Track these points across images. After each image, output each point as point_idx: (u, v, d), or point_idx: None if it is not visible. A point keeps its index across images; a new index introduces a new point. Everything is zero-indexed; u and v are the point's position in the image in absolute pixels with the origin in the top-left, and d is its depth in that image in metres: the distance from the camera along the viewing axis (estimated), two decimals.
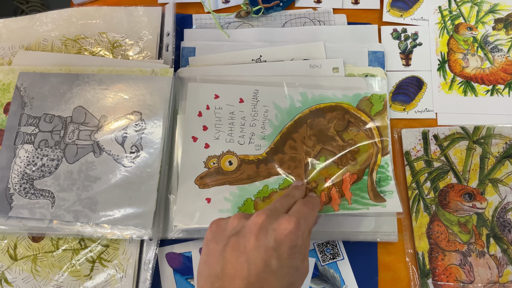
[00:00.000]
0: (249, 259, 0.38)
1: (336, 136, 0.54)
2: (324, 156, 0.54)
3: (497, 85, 0.59)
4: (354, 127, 0.55)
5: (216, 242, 0.40)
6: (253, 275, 0.38)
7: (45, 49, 0.61)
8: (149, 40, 0.60)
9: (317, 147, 0.54)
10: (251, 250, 0.39)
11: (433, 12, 0.62)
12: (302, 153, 0.54)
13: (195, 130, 0.55)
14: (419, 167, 0.55)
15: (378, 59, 0.59)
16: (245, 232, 0.40)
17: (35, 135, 0.55)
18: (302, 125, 0.55)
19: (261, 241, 0.39)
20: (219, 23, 0.62)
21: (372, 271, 0.52)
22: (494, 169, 0.55)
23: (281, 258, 0.39)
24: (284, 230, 0.39)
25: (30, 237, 0.53)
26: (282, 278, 0.39)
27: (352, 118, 0.55)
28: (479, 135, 0.56)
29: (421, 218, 0.53)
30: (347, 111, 0.55)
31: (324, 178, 0.53)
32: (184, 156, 0.54)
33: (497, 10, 0.62)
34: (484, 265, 0.51)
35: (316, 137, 0.54)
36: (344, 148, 0.54)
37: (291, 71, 0.58)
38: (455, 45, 0.61)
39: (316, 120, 0.55)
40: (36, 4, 1.46)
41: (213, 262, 0.40)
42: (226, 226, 0.41)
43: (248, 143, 0.55)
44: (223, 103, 0.56)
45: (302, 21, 0.62)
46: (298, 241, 0.40)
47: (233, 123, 0.55)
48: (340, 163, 0.53)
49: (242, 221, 0.41)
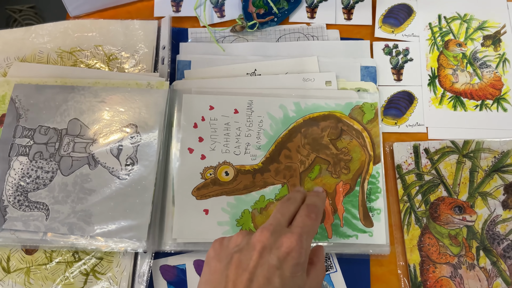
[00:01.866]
0: (251, 277, 0.38)
1: (330, 144, 0.55)
2: (319, 165, 0.55)
3: (486, 100, 0.60)
4: (347, 135, 0.56)
5: (218, 260, 0.40)
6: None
7: (40, 61, 0.61)
8: (145, 53, 0.61)
9: (311, 156, 0.55)
10: (254, 267, 0.38)
11: (423, 28, 0.64)
12: (297, 162, 0.55)
13: (191, 142, 0.56)
14: (411, 180, 0.56)
15: (370, 74, 0.60)
16: (249, 250, 0.40)
17: (30, 147, 0.55)
18: (297, 134, 0.56)
19: (264, 258, 0.39)
20: (215, 37, 0.63)
21: (365, 283, 0.53)
22: (483, 182, 0.56)
23: (283, 276, 0.38)
24: (287, 249, 0.39)
25: (23, 250, 0.53)
26: None
27: (345, 127, 0.56)
28: (468, 149, 0.57)
29: (412, 230, 0.54)
30: (340, 120, 0.56)
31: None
32: (180, 168, 0.55)
33: (486, 27, 0.64)
34: (474, 277, 0.52)
35: (310, 145, 0.55)
36: (338, 157, 0.55)
37: (285, 84, 0.59)
38: (445, 61, 0.62)
39: (310, 129, 0.56)
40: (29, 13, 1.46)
41: (215, 280, 0.39)
42: (229, 244, 0.41)
43: (244, 153, 0.55)
44: (218, 114, 0.57)
45: (296, 36, 0.63)
46: (301, 258, 0.40)
47: (228, 134, 0.56)
48: (334, 172, 0.54)
49: (245, 238, 0.41)
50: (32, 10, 1.47)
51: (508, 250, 0.53)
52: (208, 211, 0.53)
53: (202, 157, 0.55)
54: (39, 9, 1.47)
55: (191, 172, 0.55)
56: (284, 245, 0.39)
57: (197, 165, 0.55)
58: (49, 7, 1.48)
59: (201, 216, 0.53)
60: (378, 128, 0.57)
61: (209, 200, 0.54)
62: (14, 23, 1.44)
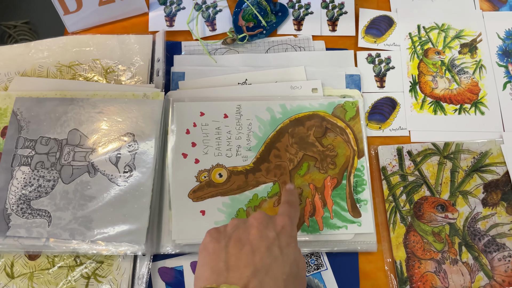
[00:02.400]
0: (253, 248, 0.41)
1: (316, 142, 0.59)
2: (307, 162, 0.58)
3: (464, 105, 0.64)
4: (332, 132, 0.59)
5: (217, 242, 0.42)
6: (258, 261, 0.40)
7: (40, 75, 0.64)
8: (140, 66, 0.64)
9: (299, 154, 0.58)
10: (254, 239, 0.42)
11: (404, 38, 0.68)
12: (286, 161, 0.58)
13: (184, 147, 0.58)
14: (395, 181, 0.59)
15: (354, 81, 0.64)
16: (246, 226, 0.43)
17: (32, 157, 0.57)
18: (284, 134, 0.59)
19: (262, 231, 0.42)
20: (207, 49, 0.66)
21: (354, 280, 0.55)
22: (464, 182, 0.59)
23: (281, 246, 0.42)
24: (281, 223, 0.44)
25: (26, 255, 0.55)
26: (283, 266, 0.41)
27: (329, 125, 0.60)
28: (449, 150, 0.60)
29: (398, 229, 0.57)
30: (324, 118, 0.60)
31: (308, 184, 0.57)
32: (175, 173, 0.57)
33: (463, 36, 0.68)
34: (457, 272, 0.55)
35: (298, 144, 0.59)
36: (324, 153, 0.58)
37: (273, 92, 0.62)
38: (425, 68, 0.66)
39: (296, 129, 0.59)
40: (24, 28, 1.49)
41: (215, 259, 0.41)
42: (226, 228, 0.44)
43: (236, 155, 0.58)
44: (209, 119, 0.60)
45: (284, 47, 0.67)
46: (293, 232, 0.45)
47: (219, 138, 0.59)
48: (322, 168, 0.57)
49: (241, 220, 0.45)
50: (26, 25, 1.49)
51: (489, 245, 0.56)
52: (204, 212, 0.56)
53: (196, 161, 0.58)
54: (33, 25, 1.50)
55: (186, 176, 0.57)
56: (278, 222, 0.44)
57: (192, 169, 0.58)
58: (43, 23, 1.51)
59: (199, 217, 0.55)
60: (360, 124, 0.60)
61: (205, 201, 0.56)
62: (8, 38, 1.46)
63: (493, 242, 0.56)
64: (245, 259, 0.40)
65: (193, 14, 0.68)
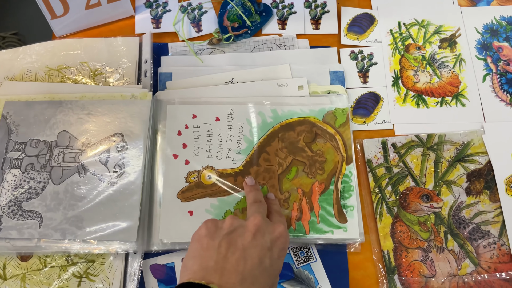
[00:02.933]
0: (245, 255, 0.41)
1: (305, 147, 0.59)
2: (296, 167, 0.58)
3: (446, 97, 0.65)
4: (321, 138, 0.60)
5: (211, 238, 0.43)
6: (247, 270, 0.40)
7: (29, 79, 0.65)
8: (128, 68, 0.65)
9: (288, 159, 0.59)
10: (248, 247, 0.42)
11: (385, 34, 0.69)
12: (275, 165, 0.59)
13: (175, 148, 0.59)
14: (381, 173, 0.61)
15: (338, 77, 0.65)
16: (243, 231, 0.43)
17: (22, 159, 0.58)
18: (274, 138, 0.60)
19: (258, 240, 0.42)
20: (193, 50, 0.68)
21: (343, 270, 0.56)
22: (447, 172, 0.60)
23: (272, 258, 0.42)
24: (279, 234, 0.44)
25: (18, 257, 0.56)
26: (269, 277, 0.42)
27: (319, 131, 0.60)
28: (432, 142, 0.62)
29: (384, 219, 0.58)
30: (314, 124, 0.61)
31: (296, 188, 0.57)
32: (166, 173, 0.58)
33: (442, 31, 0.69)
34: (444, 259, 0.56)
35: (287, 149, 0.59)
36: (313, 158, 0.59)
37: (260, 90, 0.63)
38: (406, 63, 0.67)
39: (286, 134, 0.60)
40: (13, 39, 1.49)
41: (206, 256, 0.41)
42: (222, 225, 0.44)
43: (226, 157, 0.59)
44: (200, 122, 0.61)
45: (269, 46, 0.68)
46: (286, 244, 0.45)
47: (210, 140, 0.60)
48: (310, 173, 0.58)
49: (239, 221, 0.45)
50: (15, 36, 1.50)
51: (474, 233, 0.57)
52: (192, 212, 0.56)
53: (186, 162, 0.59)
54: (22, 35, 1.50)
55: (176, 177, 0.58)
56: (277, 231, 0.44)
57: (182, 169, 0.58)
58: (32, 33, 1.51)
59: (186, 217, 0.56)
60: (350, 132, 0.61)
61: (193, 202, 0.57)
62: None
63: (478, 229, 0.57)
64: (236, 265, 0.40)
65: (179, 16, 0.70)
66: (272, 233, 0.44)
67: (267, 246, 0.43)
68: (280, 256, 0.44)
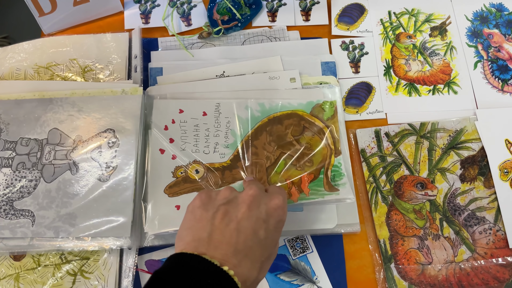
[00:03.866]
0: (239, 227, 0.40)
1: (293, 140, 0.59)
2: (284, 160, 0.58)
3: (437, 85, 0.65)
4: (309, 131, 0.59)
5: (205, 210, 0.42)
6: (241, 242, 0.40)
7: (18, 77, 0.64)
8: (118, 63, 0.64)
9: (276, 152, 0.58)
10: (242, 218, 0.41)
11: (376, 24, 0.69)
12: (263, 158, 0.58)
13: (162, 143, 0.59)
14: (375, 162, 0.60)
15: (330, 68, 0.65)
16: (238, 202, 0.42)
17: (13, 158, 0.57)
18: (262, 132, 0.59)
19: (253, 211, 0.41)
20: (184, 44, 0.67)
21: (340, 261, 0.56)
22: (441, 159, 0.60)
23: (268, 229, 0.41)
24: (275, 205, 0.43)
25: (11, 256, 0.55)
26: (264, 249, 0.41)
27: (307, 124, 0.60)
28: (425, 130, 0.62)
29: (380, 208, 0.58)
30: (302, 118, 0.60)
31: (284, 180, 0.57)
32: (152, 168, 0.57)
33: (432, 20, 0.69)
34: (440, 247, 0.56)
35: (275, 142, 0.59)
36: (301, 151, 0.58)
37: (252, 83, 0.63)
38: (398, 52, 0.67)
39: (274, 127, 0.60)
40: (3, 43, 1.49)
41: (199, 227, 0.41)
42: (216, 196, 0.43)
43: (213, 152, 0.59)
44: (187, 117, 0.60)
45: (260, 38, 0.68)
46: (284, 216, 0.44)
47: (198, 135, 0.59)
48: (299, 166, 0.58)
49: (234, 192, 0.44)
50: (6, 40, 1.49)
51: (469, 219, 0.57)
52: (179, 206, 0.56)
53: (173, 157, 0.58)
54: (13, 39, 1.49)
55: (163, 172, 0.57)
56: (273, 201, 0.43)
57: (169, 164, 0.58)
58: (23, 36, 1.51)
59: (173, 212, 0.55)
60: (338, 124, 0.60)
61: (181, 196, 0.56)
62: None
63: (473, 216, 0.57)
64: (229, 237, 0.40)
65: (168, 11, 0.69)
66: (268, 204, 0.43)
67: (262, 217, 0.42)
68: (276, 228, 0.43)
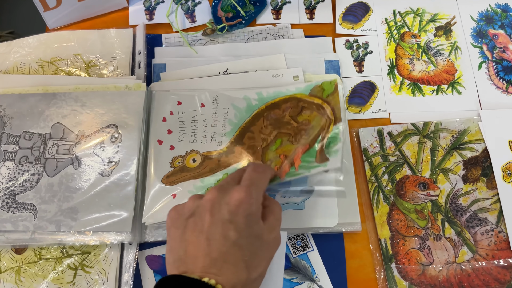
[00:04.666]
0: (208, 236, 0.39)
1: (291, 120, 0.58)
2: (280, 139, 0.57)
3: (441, 85, 0.65)
4: (308, 110, 0.58)
5: (176, 228, 0.42)
6: (214, 250, 0.39)
7: (22, 72, 0.64)
8: (122, 59, 0.65)
9: (273, 133, 0.58)
10: (208, 227, 0.40)
11: (380, 23, 0.69)
12: (259, 141, 0.58)
13: (160, 134, 0.59)
14: (377, 162, 0.60)
15: (334, 67, 0.65)
16: (200, 212, 0.41)
17: (16, 152, 0.57)
18: (259, 118, 0.59)
19: (216, 216, 0.40)
20: (187, 41, 0.67)
21: (340, 259, 0.56)
22: (444, 160, 0.60)
23: (238, 228, 0.40)
24: (237, 201, 0.40)
25: (13, 249, 0.55)
26: (243, 248, 0.40)
27: (306, 104, 0.58)
28: (428, 130, 0.61)
29: (381, 208, 0.58)
30: (300, 99, 0.59)
31: (279, 156, 0.55)
32: (151, 159, 0.58)
33: (437, 19, 0.69)
34: (441, 247, 0.56)
35: (272, 125, 0.58)
36: (298, 128, 0.57)
37: (255, 81, 0.63)
38: (402, 51, 0.67)
39: (272, 112, 0.59)
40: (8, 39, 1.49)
41: (176, 247, 0.41)
42: (183, 210, 0.42)
43: (210, 141, 0.59)
44: (185, 108, 0.60)
45: (264, 36, 0.68)
46: (252, 208, 0.41)
47: (195, 126, 0.59)
48: (295, 140, 0.56)
49: (196, 201, 0.42)
50: (11, 35, 1.49)
51: (471, 220, 0.57)
52: (175, 195, 0.56)
53: (171, 148, 0.58)
54: (18, 35, 1.50)
55: (161, 162, 0.58)
56: (233, 198, 0.41)
57: (166, 155, 0.58)
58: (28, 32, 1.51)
59: (169, 200, 0.55)
60: (338, 98, 0.56)
61: (177, 185, 0.56)
62: None
63: (475, 217, 0.57)
64: (202, 249, 0.39)
65: (173, 7, 0.69)
66: (229, 203, 0.41)
67: (227, 218, 0.40)
68: (248, 223, 0.40)
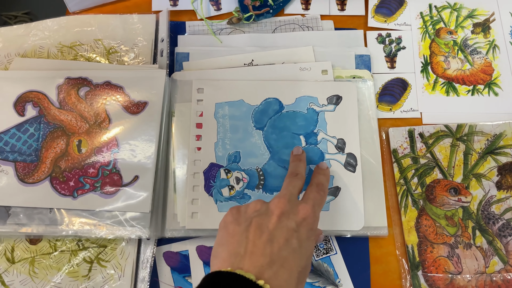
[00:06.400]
0: (271, 238, 0.40)
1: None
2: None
3: (477, 85, 0.62)
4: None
5: (237, 224, 0.42)
6: (275, 252, 0.39)
7: (41, 56, 0.62)
8: (144, 46, 0.62)
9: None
10: (273, 229, 0.41)
11: (415, 17, 0.66)
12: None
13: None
14: (406, 164, 0.57)
15: (364, 62, 0.62)
16: (268, 214, 0.42)
17: None
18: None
19: (283, 222, 0.42)
20: (212, 29, 0.65)
21: (364, 264, 0.54)
22: (477, 164, 0.57)
23: (300, 238, 0.41)
24: (304, 215, 0.43)
25: (27, 240, 0.54)
26: (300, 259, 0.41)
27: None
28: (462, 132, 0.58)
29: (409, 212, 0.55)
30: None
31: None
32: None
33: (475, 15, 0.65)
34: (471, 256, 0.54)
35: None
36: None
37: (281, 74, 0.60)
38: (437, 48, 0.64)
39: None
40: (25, 19, 1.47)
41: (234, 242, 0.41)
42: (247, 210, 0.44)
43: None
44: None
45: (292, 27, 0.65)
46: (315, 224, 0.44)
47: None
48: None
49: (264, 205, 0.44)
50: (27, 16, 1.48)
51: (503, 229, 0.54)
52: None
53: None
54: (34, 15, 1.48)
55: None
56: (301, 212, 0.43)
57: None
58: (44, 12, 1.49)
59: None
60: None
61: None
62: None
63: (508, 226, 0.54)
64: (263, 248, 0.40)
65: None
66: (296, 214, 0.43)
67: (293, 227, 0.42)
68: (309, 237, 0.43)
